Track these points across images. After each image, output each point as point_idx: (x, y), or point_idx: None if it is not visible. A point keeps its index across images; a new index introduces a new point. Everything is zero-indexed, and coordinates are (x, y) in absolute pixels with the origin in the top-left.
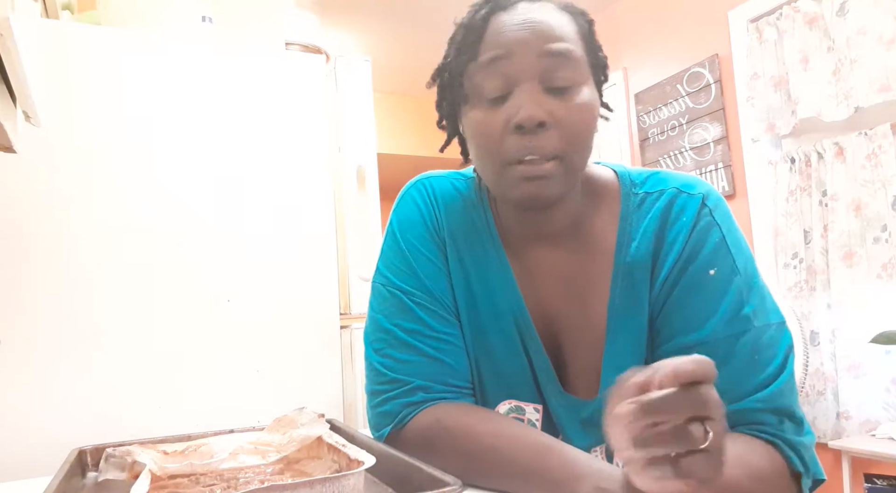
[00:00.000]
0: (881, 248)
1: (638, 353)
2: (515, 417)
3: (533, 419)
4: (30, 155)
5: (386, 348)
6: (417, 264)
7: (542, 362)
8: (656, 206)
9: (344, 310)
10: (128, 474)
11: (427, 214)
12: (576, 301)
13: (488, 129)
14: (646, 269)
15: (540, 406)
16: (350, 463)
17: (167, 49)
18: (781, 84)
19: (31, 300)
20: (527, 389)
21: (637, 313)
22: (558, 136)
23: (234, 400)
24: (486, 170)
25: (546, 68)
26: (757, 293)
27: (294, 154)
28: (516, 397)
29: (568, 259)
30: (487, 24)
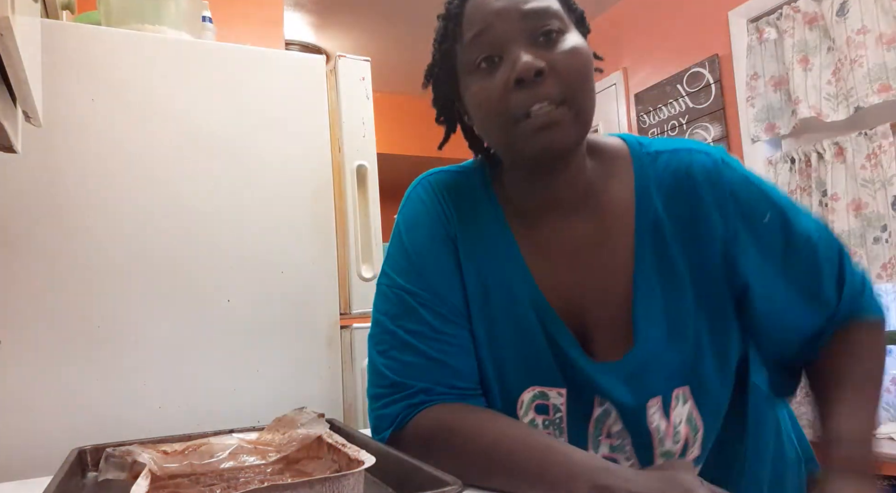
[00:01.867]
0: (881, 248)
1: (676, 306)
2: (539, 403)
3: (557, 403)
4: (30, 155)
5: (390, 349)
6: (423, 264)
7: (567, 340)
8: (675, 163)
9: (344, 310)
10: (128, 474)
11: (434, 211)
12: (597, 267)
13: (489, 93)
14: (681, 224)
15: (563, 390)
16: (350, 463)
17: (167, 49)
18: (781, 84)
19: (32, 300)
20: (549, 373)
21: (671, 268)
22: (558, 81)
23: (234, 400)
24: (496, 135)
25: (529, 28)
26: (802, 216)
27: (294, 154)
28: (539, 382)
29: (584, 225)
30: (464, 8)
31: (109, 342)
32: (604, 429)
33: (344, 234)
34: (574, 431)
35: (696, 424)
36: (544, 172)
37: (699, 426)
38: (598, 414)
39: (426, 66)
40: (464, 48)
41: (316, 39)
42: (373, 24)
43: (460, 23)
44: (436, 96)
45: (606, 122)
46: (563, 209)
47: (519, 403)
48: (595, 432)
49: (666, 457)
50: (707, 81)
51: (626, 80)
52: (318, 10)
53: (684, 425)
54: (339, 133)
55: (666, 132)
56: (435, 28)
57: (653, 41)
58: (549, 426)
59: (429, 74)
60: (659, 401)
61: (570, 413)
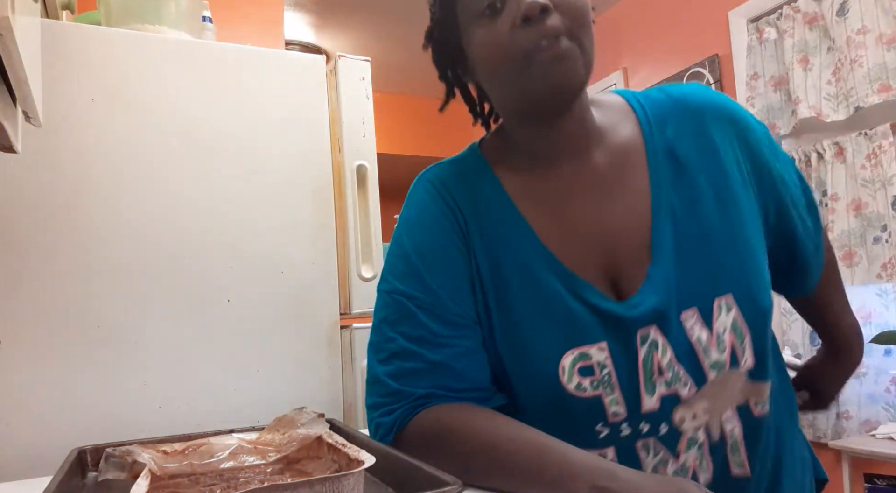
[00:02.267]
0: (881, 248)
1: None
2: (582, 365)
3: (601, 359)
4: (30, 155)
5: (390, 357)
6: (422, 266)
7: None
8: (674, 93)
9: (344, 310)
10: (128, 474)
11: (436, 208)
12: (615, 202)
13: (495, 37)
14: (693, 144)
15: (604, 343)
16: (350, 463)
17: (167, 49)
18: (781, 84)
19: (31, 300)
20: (584, 331)
21: (691, 182)
22: (563, 18)
23: (234, 400)
24: (505, 80)
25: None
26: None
27: (294, 154)
28: (576, 343)
29: (596, 166)
30: None
31: (109, 342)
32: (654, 368)
33: (344, 234)
34: (626, 382)
35: (741, 330)
36: (553, 115)
37: (745, 331)
38: (644, 354)
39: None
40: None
41: (316, 39)
42: (373, 24)
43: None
44: (435, 56)
45: None
46: (572, 154)
47: (560, 371)
48: (646, 374)
49: (716, 369)
50: (707, 81)
51: (626, 80)
52: (318, 10)
53: (729, 333)
54: (339, 133)
55: None
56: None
57: (653, 41)
58: (600, 386)
59: (429, 36)
60: (695, 313)
61: (616, 365)
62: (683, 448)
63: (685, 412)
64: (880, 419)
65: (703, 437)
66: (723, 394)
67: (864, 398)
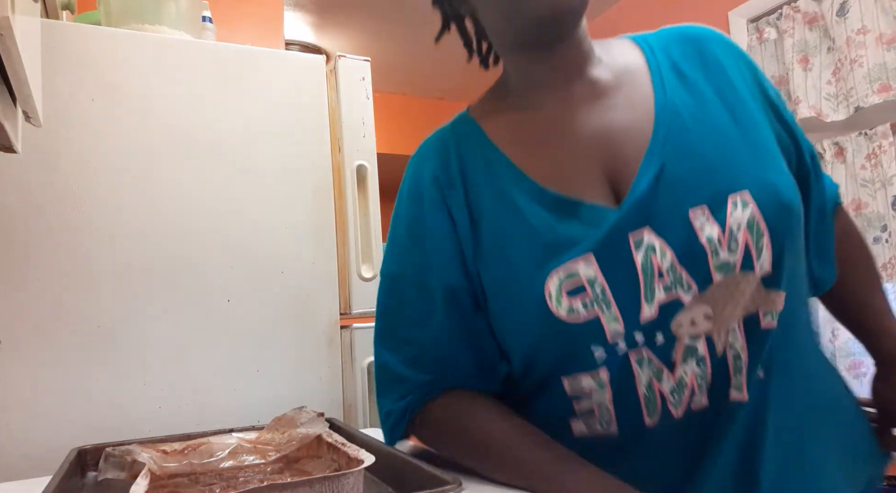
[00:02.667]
0: (881, 248)
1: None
2: (571, 286)
3: (590, 274)
4: (30, 155)
5: (394, 343)
6: (409, 240)
7: (585, 210)
8: (677, 29)
9: (344, 310)
10: (127, 473)
11: (421, 174)
12: (615, 112)
13: None
14: (702, 68)
15: (590, 255)
16: (350, 462)
17: (167, 49)
18: (781, 84)
19: (31, 300)
20: (567, 246)
21: (696, 88)
22: None
23: (234, 400)
24: (502, 3)
25: None
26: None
27: (294, 154)
28: (560, 261)
29: (594, 83)
30: None
31: (109, 342)
32: (654, 272)
33: (344, 234)
34: (623, 294)
35: (758, 228)
36: (551, 42)
37: (763, 230)
38: (642, 259)
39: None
40: None
41: (316, 39)
42: (373, 24)
43: None
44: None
45: None
46: (570, 79)
47: (547, 297)
48: (646, 280)
49: (724, 271)
50: None
51: None
52: (318, 10)
53: (744, 231)
54: (339, 133)
55: None
56: None
57: None
58: (594, 304)
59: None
60: (706, 210)
61: (609, 278)
62: (679, 359)
63: (684, 317)
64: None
65: (705, 350)
66: (729, 300)
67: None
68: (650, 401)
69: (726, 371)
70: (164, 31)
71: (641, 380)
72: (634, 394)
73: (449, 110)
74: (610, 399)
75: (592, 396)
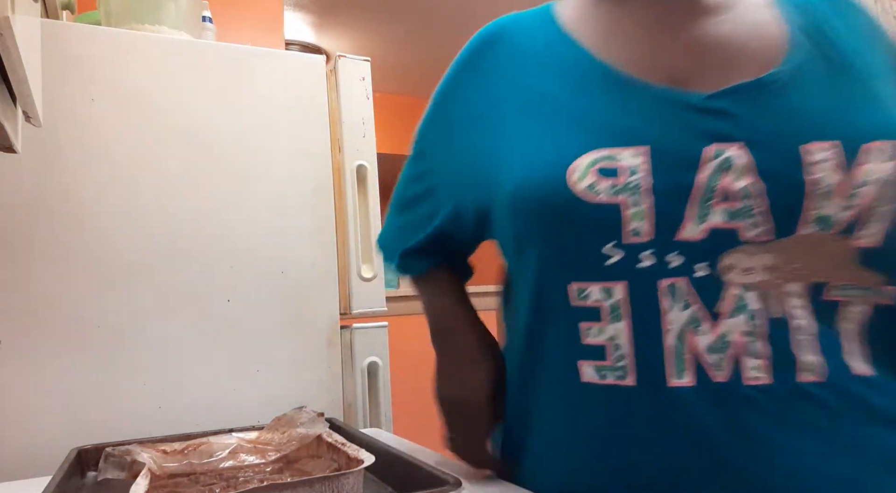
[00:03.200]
0: None
1: (842, 67)
2: (605, 166)
3: (633, 164)
4: (30, 155)
5: (396, 208)
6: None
7: (661, 92)
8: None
9: (344, 310)
10: (127, 473)
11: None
12: (728, 23)
13: None
14: (845, 26)
15: (645, 147)
16: (349, 462)
17: (167, 49)
18: None
19: (31, 301)
20: (624, 131)
21: (836, 41)
22: None
23: (234, 400)
24: None
25: None
26: None
27: (294, 154)
28: (605, 144)
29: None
30: None
31: (109, 342)
32: (717, 190)
33: (344, 234)
34: (665, 195)
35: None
36: None
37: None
38: (712, 170)
39: None
40: None
41: (316, 39)
42: (373, 24)
43: None
44: None
45: None
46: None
47: (569, 172)
48: (704, 195)
49: (820, 225)
50: None
51: None
52: (318, 10)
53: (873, 186)
54: (339, 133)
55: None
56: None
57: None
58: (622, 192)
59: None
60: (832, 147)
61: (658, 171)
62: (727, 311)
63: (739, 259)
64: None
65: (758, 305)
66: (803, 259)
67: None
68: (679, 354)
69: (786, 340)
70: (164, 31)
71: (670, 321)
72: (658, 337)
73: None
74: (627, 336)
75: (604, 323)
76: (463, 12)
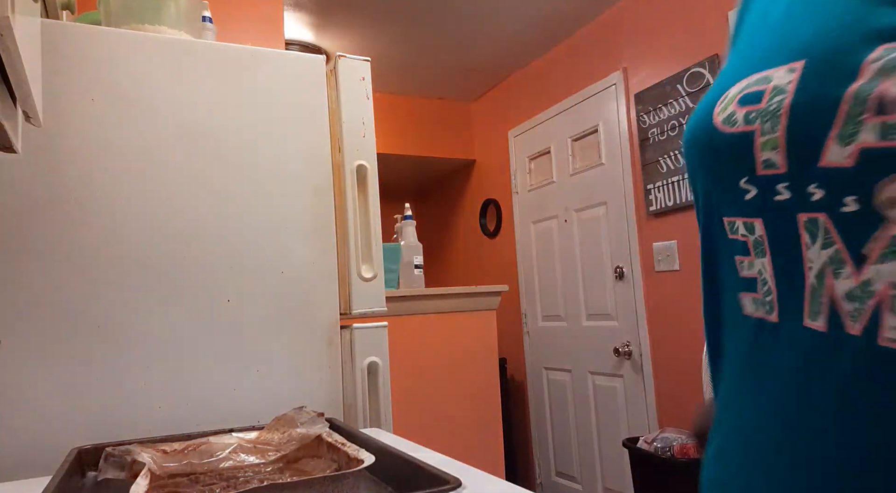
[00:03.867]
0: None
1: None
2: (751, 91)
3: (782, 83)
4: (30, 155)
5: None
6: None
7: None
8: None
9: (344, 310)
10: (127, 473)
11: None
12: None
13: None
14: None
15: (801, 61)
16: (349, 462)
17: (167, 49)
18: None
19: (31, 300)
20: (784, 47)
21: None
22: None
23: (234, 400)
24: None
25: None
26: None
27: (294, 154)
28: (764, 66)
29: None
30: None
31: (109, 342)
32: (873, 97)
33: (344, 234)
34: (803, 112)
35: None
36: None
37: None
38: (871, 74)
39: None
40: None
41: (316, 39)
42: (373, 24)
43: None
44: None
45: (606, 122)
46: None
47: (719, 103)
48: (853, 107)
49: None
50: (707, 81)
51: (626, 80)
52: (318, 10)
53: None
54: (339, 133)
55: (666, 132)
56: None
57: (653, 41)
58: (758, 119)
59: None
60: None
61: (804, 88)
62: (876, 255)
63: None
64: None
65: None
66: None
67: None
68: (816, 295)
69: None
70: (164, 31)
71: (810, 259)
72: (800, 272)
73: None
74: (770, 272)
75: (752, 257)
76: (463, 13)
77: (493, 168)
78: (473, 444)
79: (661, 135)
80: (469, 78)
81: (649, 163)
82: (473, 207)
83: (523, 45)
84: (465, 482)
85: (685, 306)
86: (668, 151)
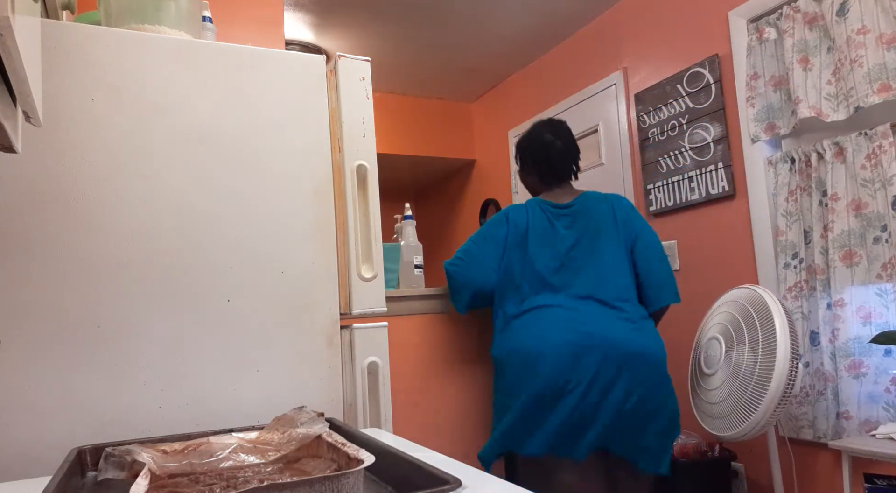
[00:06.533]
0: (881, 248)
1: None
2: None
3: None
4: (30, 155)
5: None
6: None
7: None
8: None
9: (344, 310)
10: (127, 473)
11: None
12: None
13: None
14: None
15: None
16: (349, 462)
17: (167, 49)
18: (781, 84)
19: (31, 300)
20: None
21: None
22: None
23: (234, 400)
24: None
25: None
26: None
27: (294, 154)
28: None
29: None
30: None
31: (109, 342)
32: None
33: (344, 234)
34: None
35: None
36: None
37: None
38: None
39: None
40: None
41: (316, 39)
42: (373, 24)
43: None
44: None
45: (606, 121)
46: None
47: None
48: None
49: None
50: (707, 81)
51: (626, 80)
52: (318, 10)
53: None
54: (339, 133)
55: (666, 132)
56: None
57: (653, 41)
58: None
59: None
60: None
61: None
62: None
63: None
64: (880, 419)
65: None
66: None
67: (864, 398)
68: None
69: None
70: (164, 31)
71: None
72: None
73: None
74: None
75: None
76: (463, 13)
77: (493, 168)
78: (473, 444)
79: (661, 135)
80: (469, 78)
81: (649, 163)
82: (473, 207)
83: (523, 45)
84: (465, 482)
85: (685, 305)
86: (668, 150)
